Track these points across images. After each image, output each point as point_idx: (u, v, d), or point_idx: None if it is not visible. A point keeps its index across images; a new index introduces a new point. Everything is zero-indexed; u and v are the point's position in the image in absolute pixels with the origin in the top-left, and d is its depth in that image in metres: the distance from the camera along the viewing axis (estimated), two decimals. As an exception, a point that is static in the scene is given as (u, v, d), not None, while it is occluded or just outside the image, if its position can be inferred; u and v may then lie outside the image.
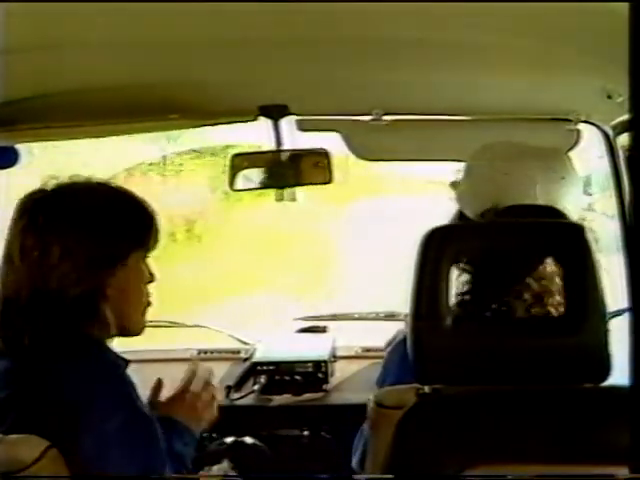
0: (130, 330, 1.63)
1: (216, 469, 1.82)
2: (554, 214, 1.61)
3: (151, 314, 1.68)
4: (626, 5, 1.12)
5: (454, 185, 1.80)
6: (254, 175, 2.31)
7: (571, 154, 2.17)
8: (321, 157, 2.26)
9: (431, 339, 1.40)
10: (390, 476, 1.30)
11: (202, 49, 1.66)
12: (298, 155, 2.28)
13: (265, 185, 2.40)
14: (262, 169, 2.28)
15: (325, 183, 2.32)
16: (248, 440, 1.96)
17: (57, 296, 1.51)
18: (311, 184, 2.36)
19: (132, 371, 1.60)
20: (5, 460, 1.29)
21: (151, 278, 1.66)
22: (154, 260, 1.66)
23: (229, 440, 1.98)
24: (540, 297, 1.42)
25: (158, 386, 1.79)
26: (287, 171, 2.27)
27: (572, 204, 1.67)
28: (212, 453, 1.96)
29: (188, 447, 1.69)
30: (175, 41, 1.58)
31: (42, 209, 1.56)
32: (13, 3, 1.27)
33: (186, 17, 1.45)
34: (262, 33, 1.56)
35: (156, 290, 1.67)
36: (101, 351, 1.55)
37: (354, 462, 1.78)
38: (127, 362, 1.56)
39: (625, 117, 1.97)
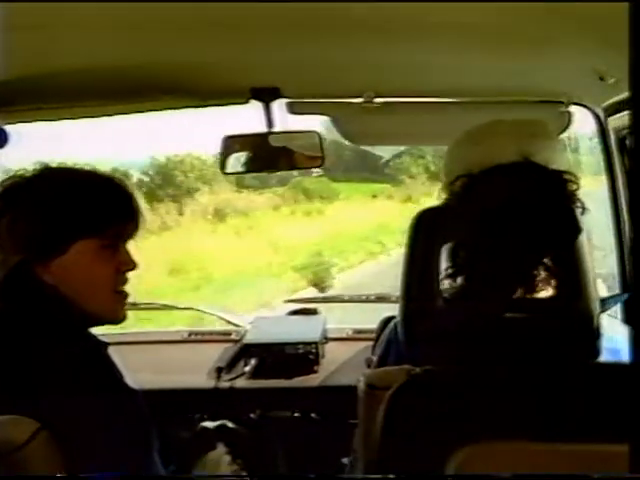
0: (103, 317, 1.59)
1: (213, 456, 1.79)
2: (529, 167, 1.45)
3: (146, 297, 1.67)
4: None
5: None
6: (245, 158, 2.30)
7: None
8: (312, 139, 2.26)
9: (422, 320, 1.41)
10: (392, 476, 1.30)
11: (195, 30, 1.65)
12: (289, 138, 2.27)
13: (256, 168, 2.40)
14: (253, 152, 2.27)
15: (317, 166, 2.32)
16: (229, 424, 1.93)
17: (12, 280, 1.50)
18: (303, 168, 2.36)
19: (124, 353, 1.60)
20: None
21: (129, 266, 1.60)
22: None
23: (213, 425, 1.95)
24: (531, 278, 1.42)
25: None
26: (278, 154, 2.26)
27: (554, 161, 1.49)
28: (203, 438, 1.93)
29: None
30: (168, 22, 1.58)
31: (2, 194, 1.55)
32: None
33: None
34: (254, 15, 1.55)
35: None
36: (78, 335, 1.54)
37: None
38: (106, 344, 1.55)
39: (617, 99, 1.97)
